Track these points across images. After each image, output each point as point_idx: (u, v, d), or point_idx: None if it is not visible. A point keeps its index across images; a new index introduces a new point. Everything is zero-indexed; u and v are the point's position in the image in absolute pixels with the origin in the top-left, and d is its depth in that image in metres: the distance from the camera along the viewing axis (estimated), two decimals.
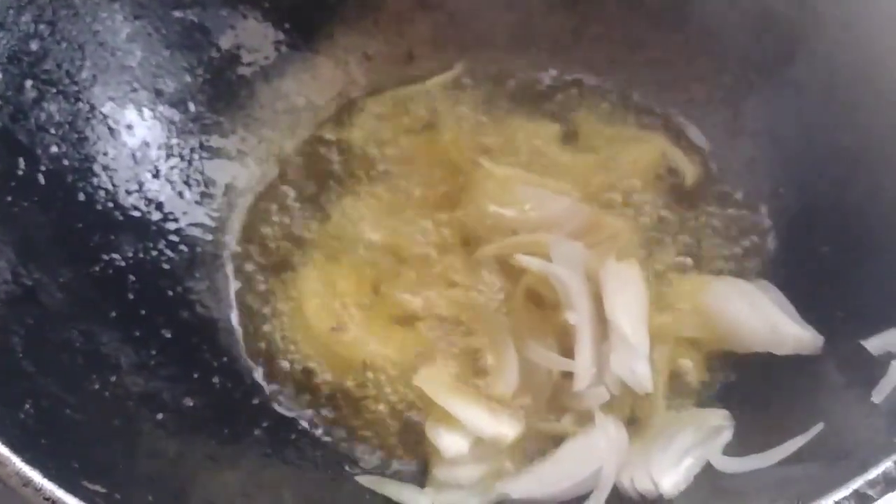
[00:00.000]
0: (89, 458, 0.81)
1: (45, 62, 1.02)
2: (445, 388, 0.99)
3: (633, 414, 0.99)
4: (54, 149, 1.02)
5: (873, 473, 0.72)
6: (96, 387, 0.90)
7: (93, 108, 1.06)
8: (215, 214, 1.13)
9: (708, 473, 0.91)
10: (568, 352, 0.99)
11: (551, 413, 1.00)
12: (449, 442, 0.96)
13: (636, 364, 0.94)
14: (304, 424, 1.01)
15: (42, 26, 1.02)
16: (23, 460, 0.73)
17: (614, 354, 0.96)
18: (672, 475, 0.91)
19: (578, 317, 0.98)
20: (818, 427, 0.85)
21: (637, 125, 1.19)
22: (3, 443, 0.73)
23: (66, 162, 1.02)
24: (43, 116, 1.01)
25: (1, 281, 0.91)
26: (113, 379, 0.92)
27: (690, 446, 0.94)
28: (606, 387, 0.96)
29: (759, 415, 0.95)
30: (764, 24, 1.10)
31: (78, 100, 1.05)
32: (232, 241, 1.13)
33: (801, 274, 1.04)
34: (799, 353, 0.95)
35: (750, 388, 0.98)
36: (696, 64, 1.17)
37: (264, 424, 0.99)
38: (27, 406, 0.81)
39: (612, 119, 1.20)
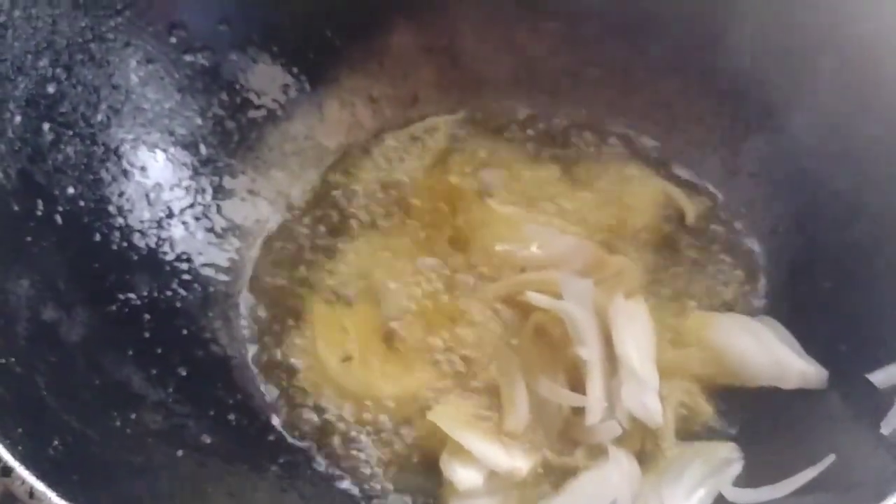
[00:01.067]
0: (116, 494, 0.83)
1: (61, 105, 1.04)
2: (459, 423, 1.00)
3: (644, 447, 1.00)
4: (71, 190, 1.03)
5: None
6: (117, 423, 0.91)
7: (108, 149, 1.08)
8: (228, 254, 1.14)
9: None
10: (577, 387, 1.01)
11: (563, 447, 1.00)
12: (463, 475, 0.97)
13: (647, 398, 0.96)
14: (320, 460, 1.02)
15: (59, 70, 1.04)
16: (58, 495, 0.73)
17: (625, 389, 0.98)
18: None
19: (589, 352, 0.99)
20: (830, 459, 0.87)
21: (637, 166, 1.21)
22: (38, 478, 0.74)
23: (82, 203, 1.04)
24: (60, 158, 1.03)
25: (22, 318, 0.92)
26: (133, 416, 0.93)
27: (701, 478, 0.96)
28: (618, 421, 0.97)
29: (768, 447, 0.97)
30: (762, 69, 1.13)
31: (93, 142, 1.07)
32: (244, 281, 1.14)
33: (803, 309, 1.06)
34: (804, 388, 0.97)
35: (758, 422, 1.00)
36: (694, 106, 1.20)
37: (280, 460, 1.00)
38: (55, 442, 0.82)
39: (612, 160, 1.23)
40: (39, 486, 0.74)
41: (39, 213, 0.99)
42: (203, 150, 1.16)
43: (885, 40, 1.02)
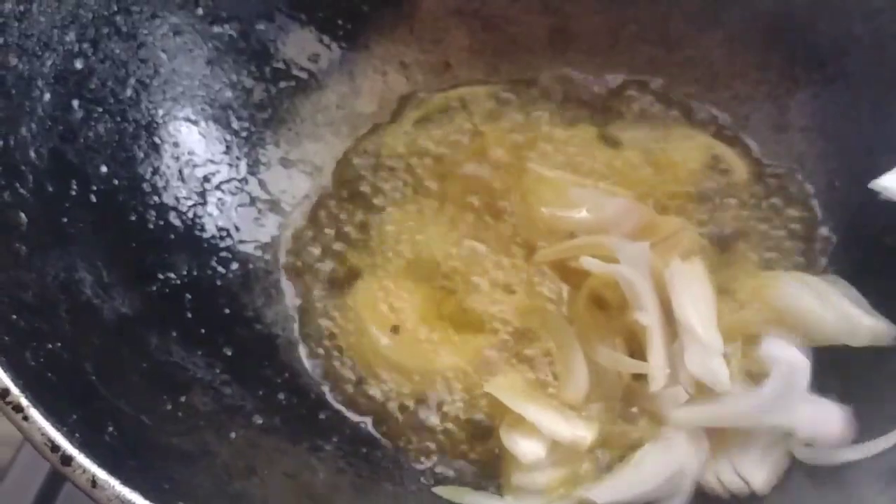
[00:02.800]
0: (176, 479, 0.80)
1: (90, 81, 1.01)
2: (518, 394, 0.97)
3: None
4: (104, 168, 1.00)
5: None
6: (168, 407, 0.89)
7: (138, 126, 1.05)
8: (265, 229, 1.11)
9: (805, 467, 0.89)
10: (635, 354, 0.98)
11: (625, 416, 0.97)
12: (526, 447, 0.94)
13: (712, 362, 0.92)
14: (374, 437, 0.99)
15: (85, 45, 1.01)
16: (121, 483, 0.71)
17: (688, 353, 0.94)
18: (761, 471, 0.90)
19: (648, 317, 0.96)
20: None
21: (680, 124, 1.18)
22: (99, 465, 0.71)
23: (115, 182, 1.01)
24: (91, 136, 1.00)
25: (63, 302, 0.89)
26: (183, 399, 0.91)
27: (772, 441, 0.93)
28: (683, 387, 0.94)
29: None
30: (810, 16, 1.09)
31: (124, 118, 1.04)
32: (284, 256, 1.11)
33: (866, 266, 1.03)
34: (875, 345, 0.94)
35: (828, 381, 0.96)
36: (737, 60, 1.17)
37: (335, 439, 0.97)
38: (110, 428, 0.79)
39: (655, 119, 1.19)
40: (101, 473, 0.71)
41: (74, 194, 0.96)
42: (235, 123, 1.12)
43: None
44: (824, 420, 0.91)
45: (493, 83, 1.23)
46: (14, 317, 0.81)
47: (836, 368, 0.95)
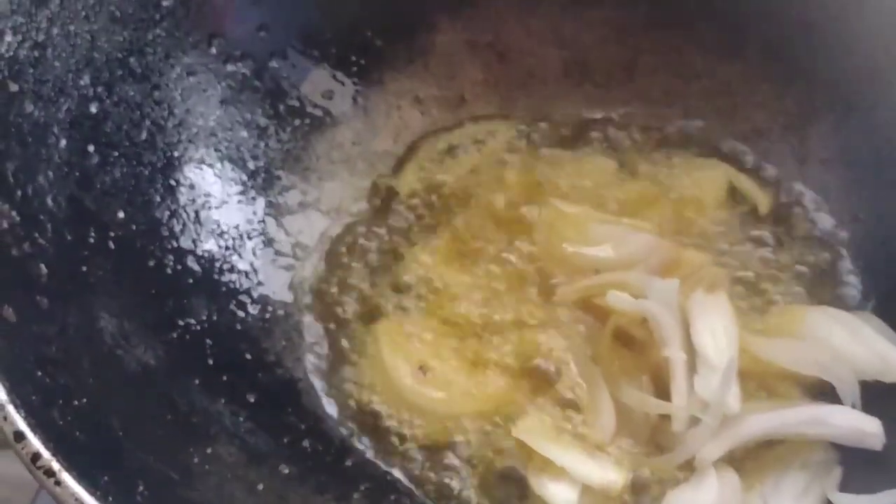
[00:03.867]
0: None
1: (105, 125, 1.00)
2: (546, 437, 0.96)
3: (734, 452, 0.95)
4: (121, 214, 0.99)
5: None
6: (195, 460, 0.87)
7: (154, 169, 1.04)
8: (284, 271, 1.10)
9: None
10: (663, 391, 0.96)
11: (654, 455, 0.96)
12: (556, 492, 0.93)
13: (722, 384, 0.91)
14: (403, 483, 0.97)
15: (100, 88, 1.00)
16: None
17: (697, 377, 0.93)
18: None
19: (675, 354, 0.95)
20: None
21: (699, 156, 1.17)
22: None
23: (133, 227, 1.00)
24: (108, 181, 0.99)
25: (86, 353, 0.87)
26: (209, 451, 0.89)
27: (804, 484, 0.92)
28: (708, 424, 0.92)
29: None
30: (827, 46, 1.08)
31: (139, 162, 1.03)
32: (304, 298, 1.09)
33: (892, 300, 1.01)
34: None
35: None
36: (756, 91, 1.16)
37: (362, 487, 0.95)
38: (141, 487, 0.77)
39: (673, 152, 1.18)
40: None
41: (92, 241, 0.95)
42: (250, 163, 1.11)
43: None
44: (858, 426, 0.91)
45: (510, 118, 1.21)
46: (39, 373, 0.79)
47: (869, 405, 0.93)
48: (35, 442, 0.71)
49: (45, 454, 0.71)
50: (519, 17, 1.20)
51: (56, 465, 0.71)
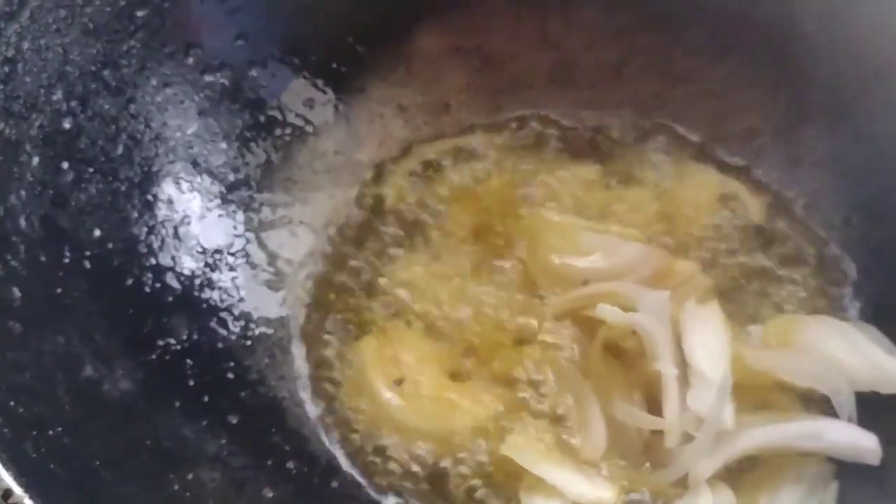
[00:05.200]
0: None
1: (79, 140, 0.98)
2: (536, 455, 0.94)
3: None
4: (97, 232, 0.97)
5: None
6: (176, 487, 0.85)
7: (131, 184, 1.02)
8: (266, 286, 1.08)
9: None
10: (656, 404, 0.94)
11: (647, 472, 0.94)
12: None
13: (716, 399, 0.89)
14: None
15: (73, 103, 0.98)
16: None
17: (691, 392, 0.91)
18: None
19: (667, 368, 0.93)
20: None
21: (689, 161, 1.14)
22: None
23: (110, 245, 0.98)
24: (83, 198, 0.97)
25: (62, 380, 0.85)
26: (190, 477, 0.87)
27: (800, 499, 0.90)
28: (686, 427, 0.90)
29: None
30: (817, 48, 1.06)
31: (115, 177, 1.00)
32: (287, 314, 1.06)
33: (888, 306, 0.99)
34: None
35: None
36: (746, 94, 1.14)
37: None
38: None
39: (662, 157, 1.16)
40: None
41: (67, 261, 0.93)
42: (230, 176, 1.09)
43: None
44: (854, 441, 0.89)
45: (495, 125, 1.18)
46: (12, 403, 0.77)
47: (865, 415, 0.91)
48: (6, 478, 0.69)
49: (18, 490, 0.69)
50: (504, 20, 1.17)
51: (29, 502, 0.68)
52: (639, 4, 1.15)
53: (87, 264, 0.94)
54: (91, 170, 0.98)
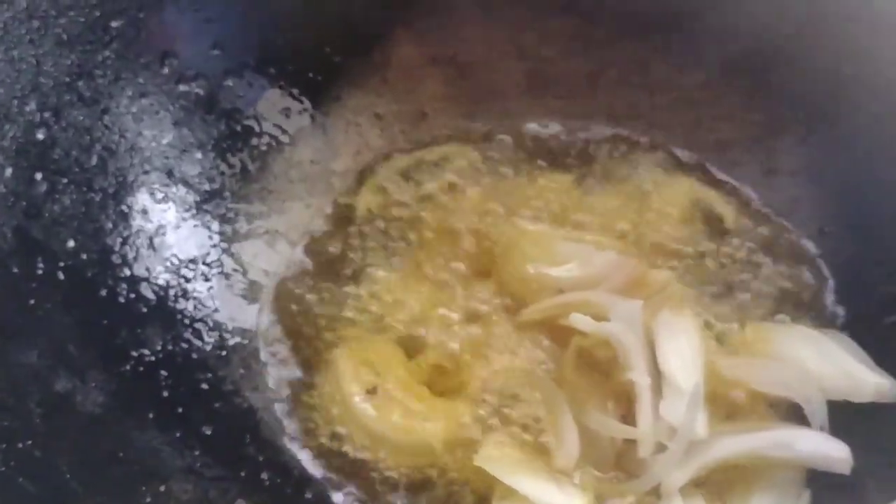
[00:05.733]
0: None
1: (53, 151, 0.98)
2: (508, 465, 0.93)
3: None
4: (71, 243, 0.97)
5: None
6: (148, 499, 0.85)
7: (105, 195, 1.02)
8: (242, 296, 1.07)
9: None
10: (629, 413, 0.95)
11: (620, 481, 0.94)
12: None
13: (689, 408, 0.89)
14: None
15: (47, 114, 0.98)
16: None
17: (664, 401, 0.92)
18: None
19: (640, 378, 0.93)
20: None
21: (665, 170, 1.14)
22: None
23: (84, 256, 0.97)
24: (57, 209, 0.97)
25: (34, 393, 0.85)
26: (162, 489, 0.87)
27: None
28: (659, 437, 0.91)
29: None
30: (793, 58, 1.07)
31: (90, 188, 1.00)
32: (262, 324, 1.06)
33: (865, 317, 1.00)
34: (879, 402, 0.91)
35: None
36: (721, 104, 1.14)
37: None
38: None
39: (638, 166, 1.16)
40: None
41: (40, 272, 0.93)
42: (206, 185, 1.09)
43: None
44: (825, 450, 0.90)
45: (471, 134, 1.18)
46: None
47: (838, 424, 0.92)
48: None
49: None
50: (480, 30, 1.18)
51: None
52: (614, 15, 1.15)
53: (61, 276, 0.94)
54: (65, 180, 0.98)
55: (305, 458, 0.99)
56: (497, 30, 1.18)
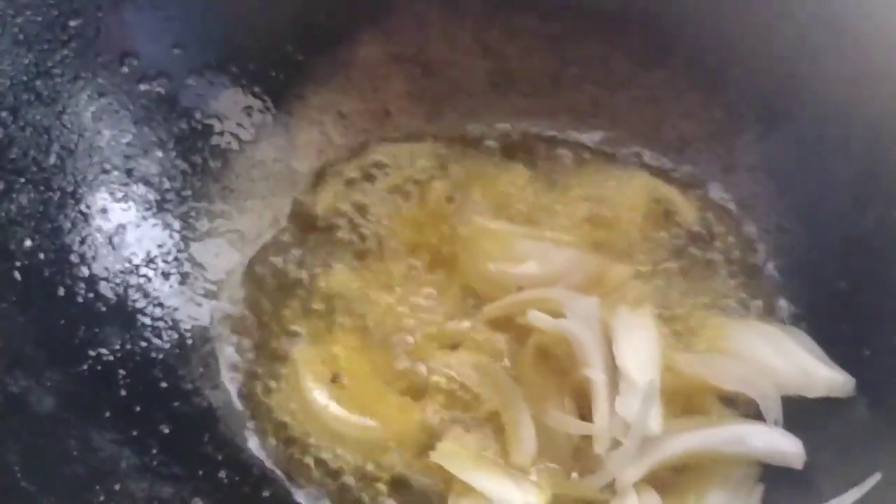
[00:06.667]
0: None
1: (9, 151, 0.97)
2: (465, 462, 0.94)
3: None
4: (28, 242, 0.96)
5: None
6: (101, 499, 0.85)
7: (64, 194, 1.01)
8: (203, 295, 1.07)
9: None
10: (587, 410, 0.95)
11: (577, 476, 0.94)
12: None
13: (644, 405, 0.89)
14: None
15: (4, 113, 0.97)
16: None
17: (620, 397, 0.92)
18: None
19: (596, 375, 0.93)
20: (875, 478, 0.82)
21: (626, 166, 1.15)
22: None
23: (41, 255, 0.97)
24: (13, 209, 0.96)
25: None
26: (117, 487, 0.87)
27: (724, 503, 0.90)
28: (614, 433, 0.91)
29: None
30: (752, 56, 1.07)
31: (48, 187, 0.99)
32: (222, 323, 1.06)
33: (819, 312, 1.01)
34: (831, 396, 0.91)
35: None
36: (682, 101, 1.15)
37: None
38: None
39: (600, 163, 1.16)
40: None
41: None
42: (166, 184, 1.08)
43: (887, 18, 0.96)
44: (778, 446, 0.90)
45: (434, 133, 1.18)
46: None
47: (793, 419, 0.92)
48: None
49: None
50: (443, 28, 1.18)
51: None
52: (576, 12, 1.15)
53: (17, 275, 0.94)
54: (22, 180, 0.97)
55: (264, 457, 0.99)
56: (461, 28, 1.18)
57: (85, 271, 1.00)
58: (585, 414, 0.95)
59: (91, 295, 0.99)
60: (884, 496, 0.82)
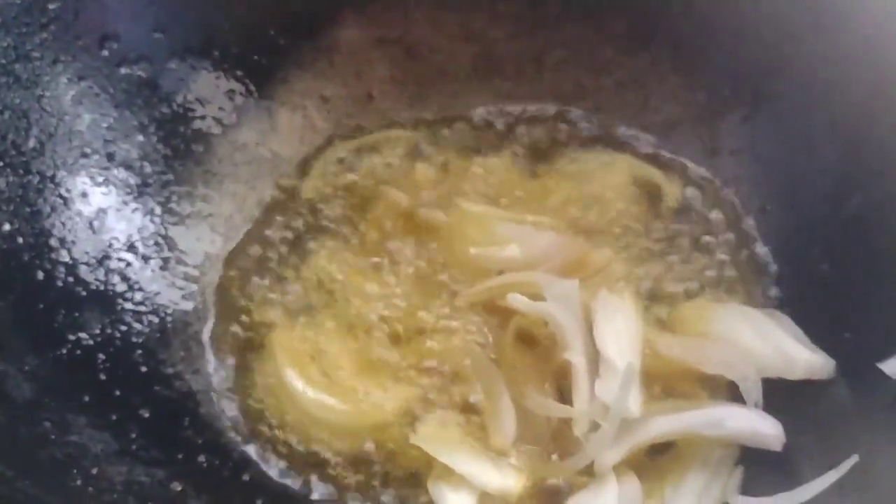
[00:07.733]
0: None
1: None
2: (445, 444, 0.94)
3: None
4: (7, 226, 0.96)
5: None
6: (78, 482, 0.85)
7: (43, 178, 1.01)
8: (184, 280, 1.07)
9: None
10: (567, 393, 0.95)
11: (557, 459, 0.94)
12: (454, 499, 0.91)
13: (623, 387, 0.89)
14: (300, 495, 0.95)
15: None
16: None
17: (599, 380, 0.92)
18: None
19: (576, 358, 0.93)
20: (853, 460, 0.82)
21: (610, 149, 1.15)
22: None
23: (20, 239, 0.97)
24: None
25: None
26: (94, 471, 0.87)
27: (704, 484, 0.90)
28: (593, 416, 0.91)
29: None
30: (736, 39, 1.07)
31: (27, 171, 0.99)
32: (204, 307, 1.06)
33: (802, 295, 1.01)
34: (811, 379, 0.91)
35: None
36: (666, 84, 1.14)
37: (259, 502, 0.92)
38: None
39: (583, 146, 1.16)
40: None
41: None
42: (147, 168, 1.08)
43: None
44: (758, 428, 0.90)
45: (417, 117, 1.18)
46: None
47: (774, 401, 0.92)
48: None
49: None
50: (427, 11, 1.17)
51: None
52: None
53: None
54: (1, 164, 0.97)
55: (243, 441, 0.98)
56: (445, 12, 1.18)
57: (65, 255, 1.00)
58: (565, 397, 0.95)
59: (71, 279, 0.99)
60: (862, 478, 0.81)
